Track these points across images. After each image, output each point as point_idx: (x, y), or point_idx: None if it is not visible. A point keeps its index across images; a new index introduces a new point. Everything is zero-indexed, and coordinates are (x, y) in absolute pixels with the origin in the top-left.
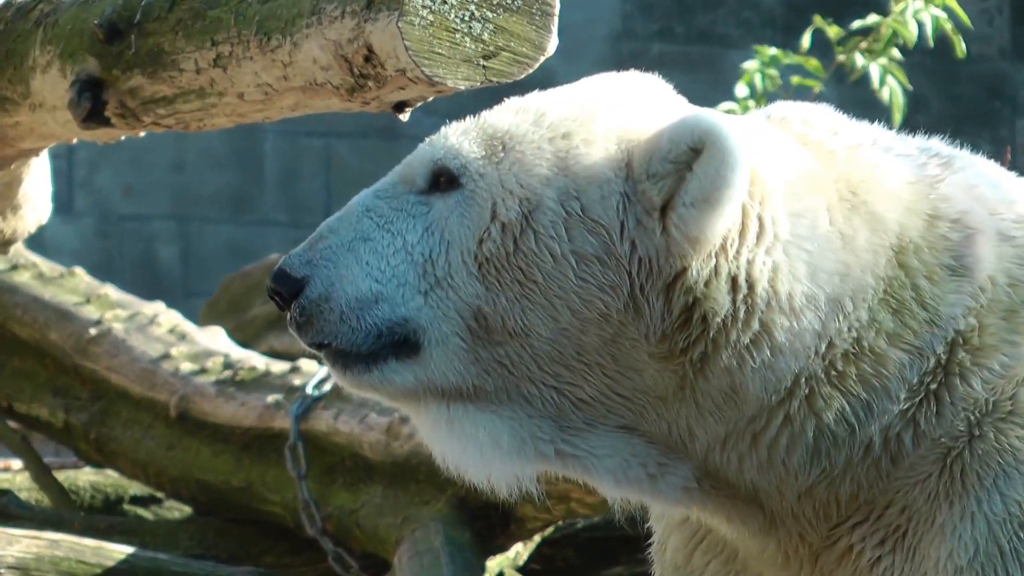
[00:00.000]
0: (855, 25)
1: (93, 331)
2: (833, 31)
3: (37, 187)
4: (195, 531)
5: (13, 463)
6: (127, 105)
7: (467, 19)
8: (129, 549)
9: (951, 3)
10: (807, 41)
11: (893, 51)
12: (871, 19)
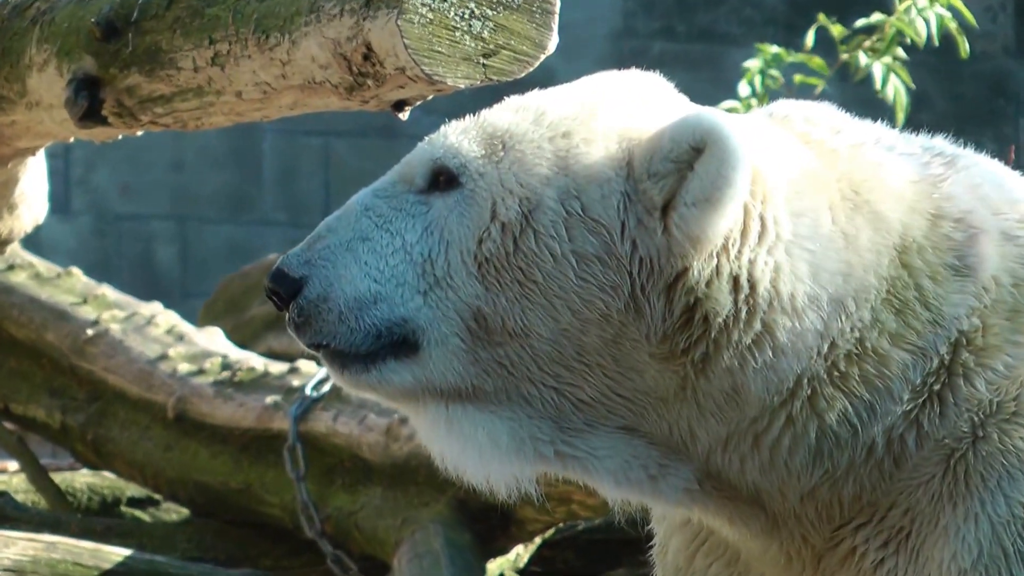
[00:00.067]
0: (859, 24)
1: (90, 331)
2: (836, 29)
3: (33, 186)
4: (193, 533)
5: (9, 465)
6: (124, 104)
7: (467, 17)
8: (126, 551)
9: (956, 2)
10: (811, 39)
11: (897, 50)
12: (875, 17)
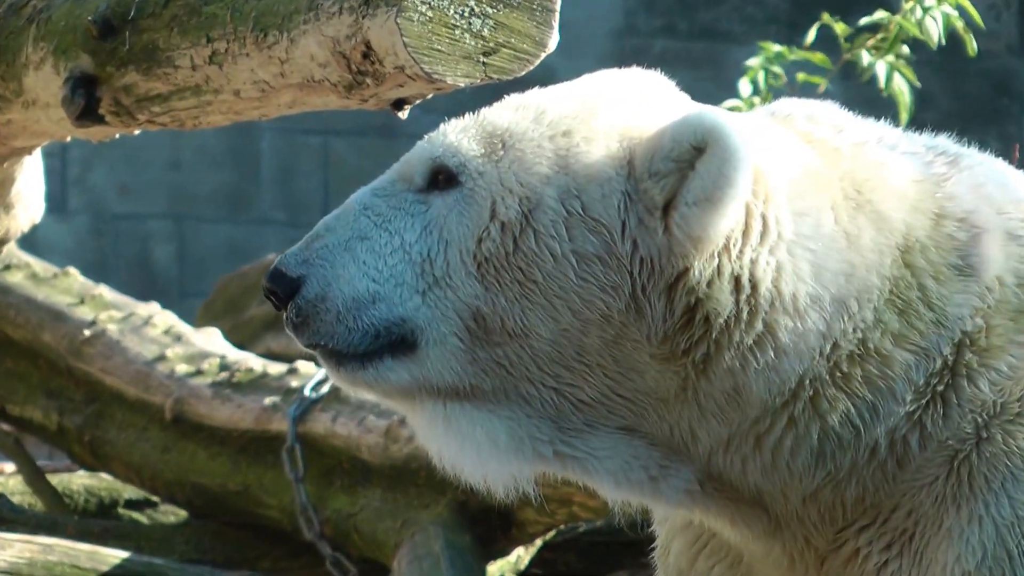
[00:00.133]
0: (863, 22)
1: (87, 332)
2: (840, 27)
3: (30, 186)
4: (191, 535)
5: (6, 466)
6: (121, 102)
7: (467, 15)
8: (124, 554)
9: (963, 1)
10: (812, 36)
11: (902, 48)
12: (878, 15)
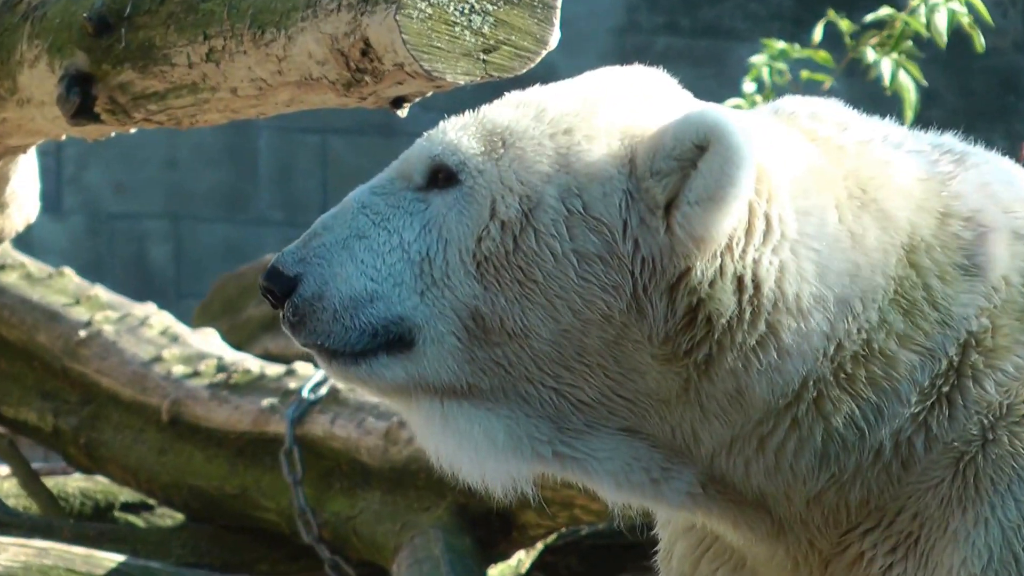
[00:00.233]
0: (868, 19)
1: (83, 333)
2: (845, 25)
3: (25, 185)
4: (188, 538)
5: (0, 469)
6: (117, 101)
7: (467, 12)
8: (120, 557)
9: None
10: (819, 34)
11: (908, 45)
12: (884, 12)
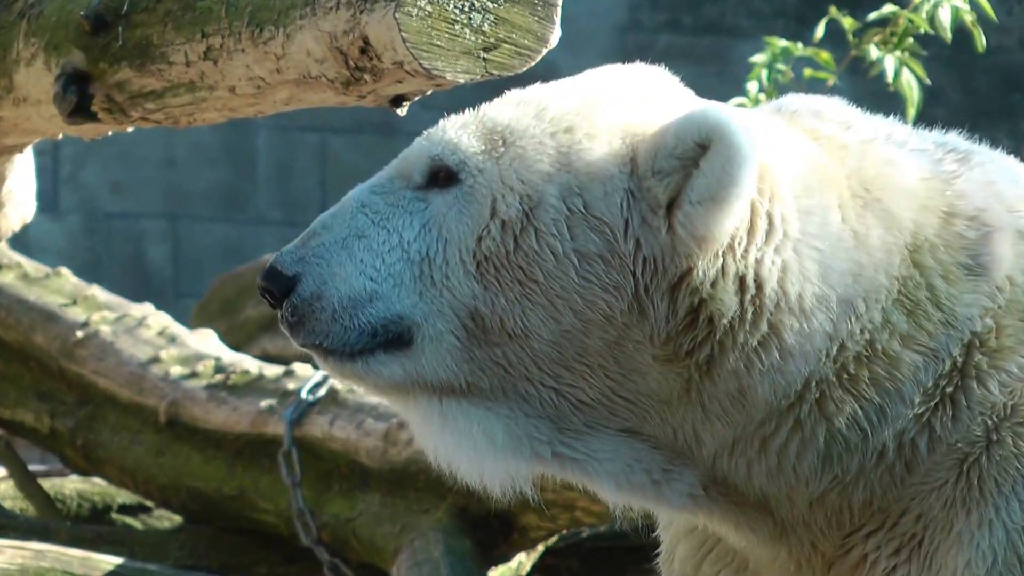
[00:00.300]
0: (871, 16)
1: (79, 333)
2: (848, 22)
3: (21, 184)
4: (186, 541)
5: None
6: (114, 99)
7: (467, 9)
8: (117, 560)
9: None
10: (820, 32)
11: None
12: (887, 9)
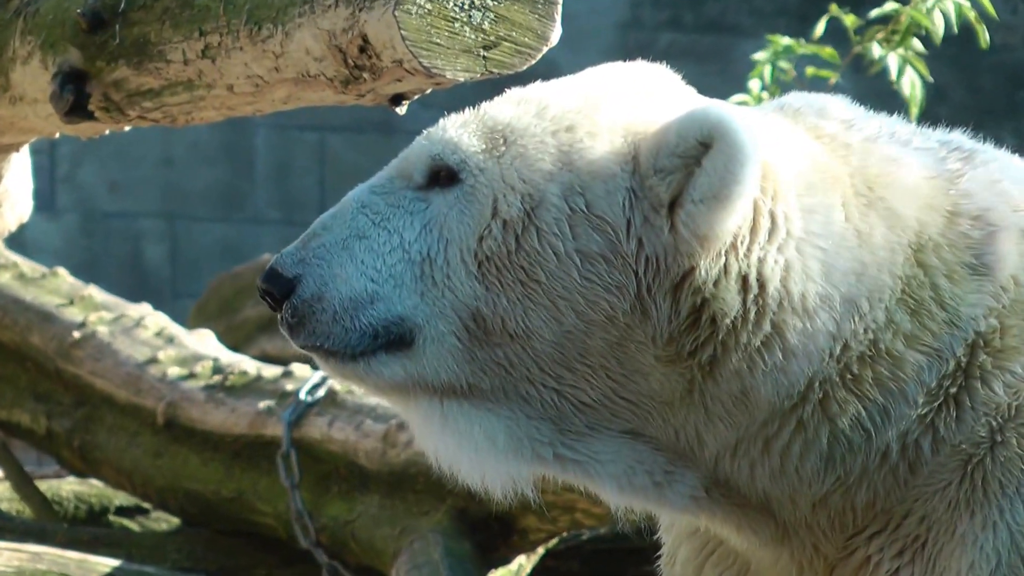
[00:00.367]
0: (873, 13)
1: (76, 334)
2: (850, 20)
3: (17, 183)
4: (183, 543)
5: None
6: (111, 98)
7: (467, 8)
8: (115, 562)
9: None
10: (821, 29)
11: (914, 41)
12: (889, 7)
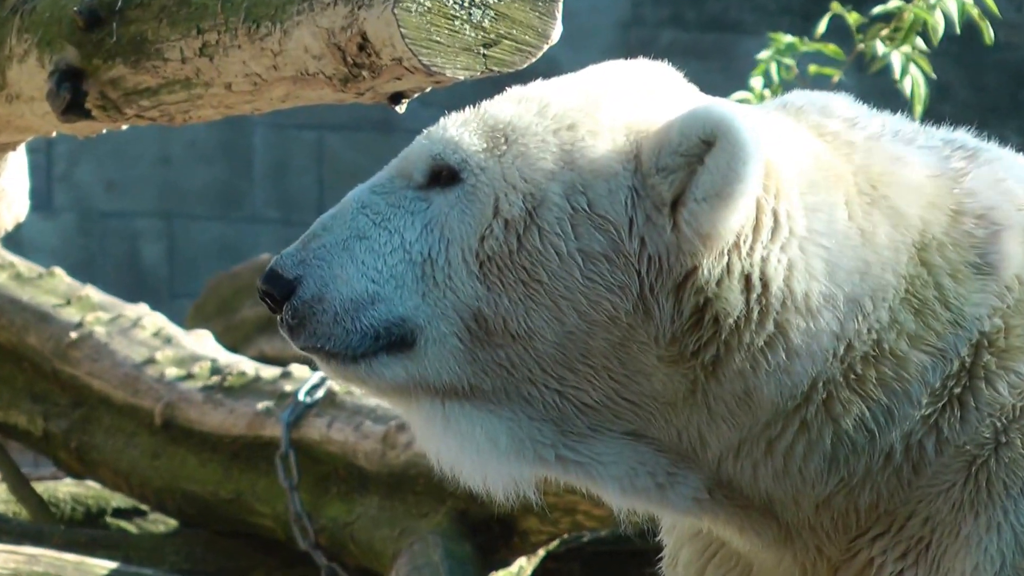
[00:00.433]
0: (876, 11)
1: (74, 334)
2: (853, 17)
3: (14, 183)
4: (181, 545)
5: None
6: (108, 96)
7: (467, 5)
8: (112, 564)
9: None
10: (823, 26)
11: (916, 39)
12: (892, 4)
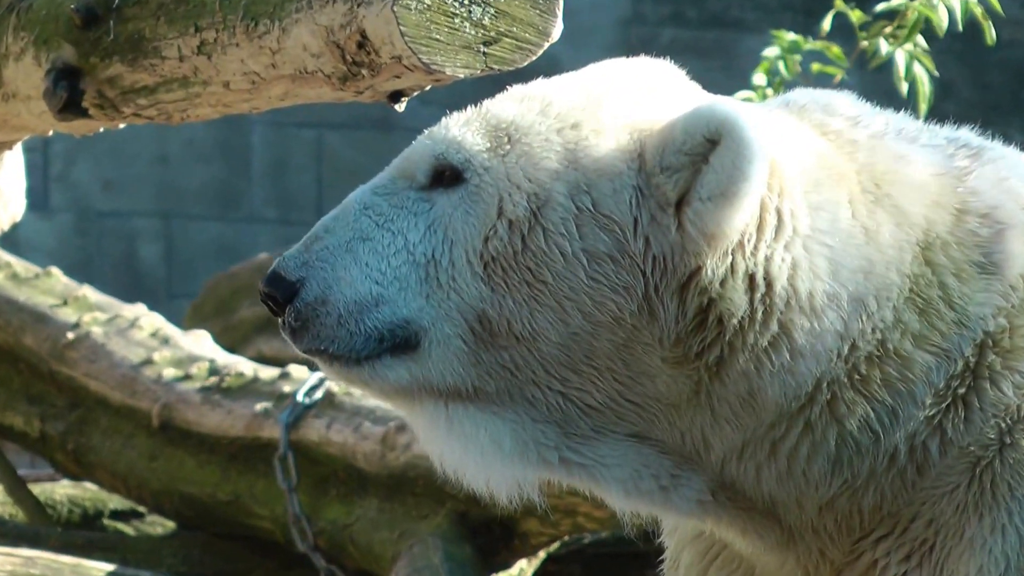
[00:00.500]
0: (879, 8)
1: (70, 335)
2: (856, 15)
3: (10, 182)
4: (179, 547)
5: None
6: (106, 95)
7: (467, 3)
8: (109, 566)
9: None
10: (827, 24)
11: (919, 37)
12: (896, 1)
